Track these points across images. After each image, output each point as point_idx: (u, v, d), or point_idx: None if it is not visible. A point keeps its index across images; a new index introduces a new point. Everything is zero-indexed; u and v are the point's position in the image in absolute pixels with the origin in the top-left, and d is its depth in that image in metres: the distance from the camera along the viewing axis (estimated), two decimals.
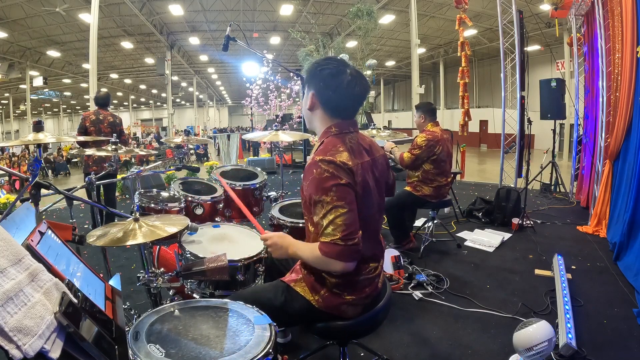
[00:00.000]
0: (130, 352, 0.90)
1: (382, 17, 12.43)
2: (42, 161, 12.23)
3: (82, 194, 2.75)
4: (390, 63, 22.62)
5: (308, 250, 1.24)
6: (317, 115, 1.32)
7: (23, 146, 14.12)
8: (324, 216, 1.16)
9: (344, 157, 1.20)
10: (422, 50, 18.09)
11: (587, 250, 3.43)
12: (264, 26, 16.24)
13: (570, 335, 1.92)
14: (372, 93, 11.61)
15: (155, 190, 2.55)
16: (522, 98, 5.45)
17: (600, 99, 4.04)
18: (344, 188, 1.16)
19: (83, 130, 3.74)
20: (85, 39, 11.07)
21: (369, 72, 9.10)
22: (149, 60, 20.17)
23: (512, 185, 5.47)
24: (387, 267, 2.75)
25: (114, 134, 2.67)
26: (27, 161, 14.33)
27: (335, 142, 1.25)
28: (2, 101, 27.17)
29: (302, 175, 1.28)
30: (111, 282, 0.96)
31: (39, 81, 17.20)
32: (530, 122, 4.48)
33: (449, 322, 2.31)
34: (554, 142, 5.84)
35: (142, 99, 35.38)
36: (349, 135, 1.29)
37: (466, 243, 3.64)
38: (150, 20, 14.37)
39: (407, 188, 3.32)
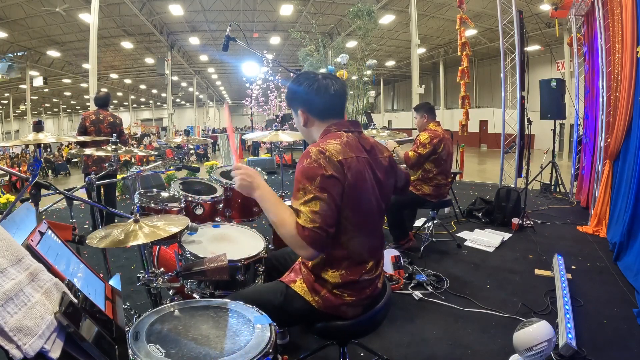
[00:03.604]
0: (130, 352, 0.90)
1: (382, 17, 12.43)
2: (42, 161, 12.24)
3: (82, 194, 2.75)
4: (390, 63, 22.63)
5: (284, 214, 1.20)
6: (314, 127, 1.37)
7: (23, 146, 14.12)
8: (304, 203, 1.16)
9: (335, 149, 1.22)
10: (422, 50, 18.10)
11: (587, 250, 3.43)
12: (264, 26, 16.24)
13: (570, 335, 1.92)
14: (372, 93, 11.59)
15: (155, 190, 2.55)
16: (522, 98, 5.45)
17: (600, 99, 4.04)
18: (328, 180, 1.17)
19: (83, 130, 3.74)
20: (85, 39, 11.08)
21: (369, 72, 9.09)
22: (149, 60, 20.19)
23: (512, 185, 5.47)
24: (387, 267, 2.75)
25: (114, 134, 2.67)
26: (26, 161, 14.34)
27: (331, 136, 1.28)
28: (2, 101, 27.17)
29: None
30: (111, 282, 0.96)
31: (39, 81, 17.20)
32: (530, 122, 4.48)
33: (449, 322, 2.31)
34: (554, 142, 5.85)
35: (142, 99, 35.39)
36: (348, 133, 1.31)
37: (466, 243, 3.64)
38: (150, 20, 14.38)
39: None
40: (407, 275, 2.81)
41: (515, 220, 4.03)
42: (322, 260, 1.28)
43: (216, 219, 2.41)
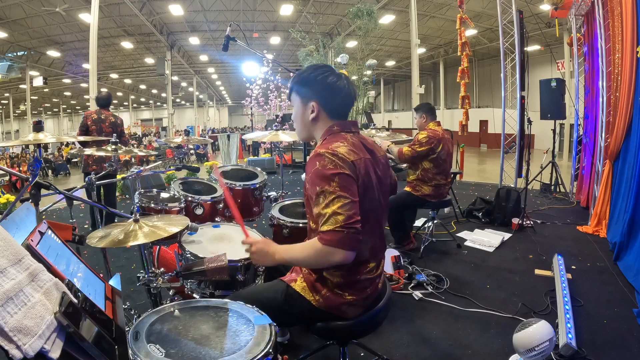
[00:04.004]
0: (130, 352, 0.90)
1: (382, 17, 12.43)
2: (42, 161, 12.24)
3: (82, 193, 2.75)
4: (390, 63, 22.62)
5: (304, 248, 1.21)
6: (320, 123, 1.34)
7: (23, 146, 14.12)
8: (326, 206, 1.14)
9: (346, 151, 1.22)
10: (422, 50, 18.09)
11: (587, 250, 3.43)
12: (264, 26, 16.24)
13: (570, 335, 1.92)
14: (372, 93, 11.60)
15: (155, 190, 2.55)
16: (522, 98, 5.45)
17: (600, 99, 4.04)
18: (346, 178, 1.17)
19: (85, 129, 3.75)
20: (85, 39, 11.07)
21: (369, 72, 9.09)
22: (149, 60, 20.18)
23: (512, 185, 5.47)
24: (387, 267, 2.75)
25: (115, 134, 2.68)
26: (26, 161, 14.34)
27: (337, 138, 1.28)
28: (2, 101, 27.17)
29: (302, 176, 1.27)
30: (111, 282, 0.96)
31: (39, 81, 17.20)
32: (530, 122, 4.48)
33: (449, 322, 2.31)
34: (554, 142, 5.84)
35: (142, 99, 35.38)
36: (351, 134, 1.32)
37: (466, 243, 3.64)
38: (150, 20, 14.38)
39: (407, 188, 3.32)
40: (407, 275, 2.81)
41: (515, 220, 4.03)
42: None
43: (216, 219, 2.41)
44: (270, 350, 0.97)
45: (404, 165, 3.40)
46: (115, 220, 2.30)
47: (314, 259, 1.19)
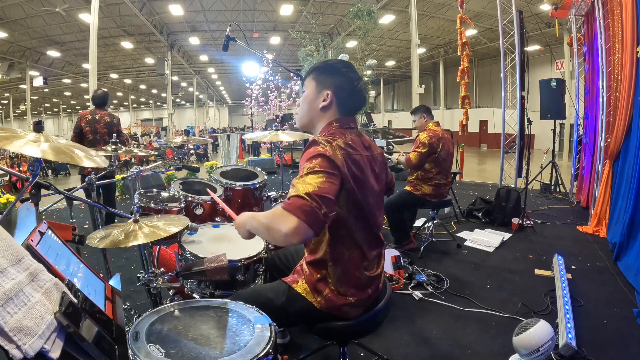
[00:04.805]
0: (130, 352, 0.90)
1: (382, 17, 12.42)
2: (42, 161, 12.22)
3: (81, 194, 2.74)
4: (390, 63, 22.62)
5: (268, 212, 1.13)
6: (328, 114, 1.33)
7: None
8: (300, 177, 1.10)
9: (342, 144, 1.22)
10: (422, 50, 18.10)
11: (587, 250, 3.43)
12: (264, 26, 16.25)
13: (570, 335, 1.92)
14: (372, 93, 11.60)
15: (155, 190, 2.55)
16: (522, 98, 5.45)
17: (600, 99, 4.05)
18: (330, 161, 1.15)
19: (78, 131, 3.67)
20: (85, 39, 11.08)
21: (369, 72, 9.09)
22: (149, 60, 20.19)
23: (512, 185, 5.48)
24: (387, 267, 2.75)
25: (113, 135, 2.65)
26: (26, 161, 14.33)
27: (335, 132, 1.28)
28: (2, 101, 27.16)
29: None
30: (111, 282, 0.95)
31: (39, 81, 17.19)
32: (530, 122, 4.48)
33: (449, 322, 2.31)
34: (554, 142, 5.84)
35: (142, 99, 35.38)
36: (350, 130, 1.32)
37: (466, 243, 3.64)
38: (150, 20, 14.38)
39: (407, 188, 3.33)
40: (407, 275, 2.81)
41: (515, 220, 4.03)
42: (323, 257, 1.28)
43: (216, 219, 2.41)
44: (270, 351, 0.97)
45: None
46: (115, 220, 2.31)
47: (268, 224, 1.07)
